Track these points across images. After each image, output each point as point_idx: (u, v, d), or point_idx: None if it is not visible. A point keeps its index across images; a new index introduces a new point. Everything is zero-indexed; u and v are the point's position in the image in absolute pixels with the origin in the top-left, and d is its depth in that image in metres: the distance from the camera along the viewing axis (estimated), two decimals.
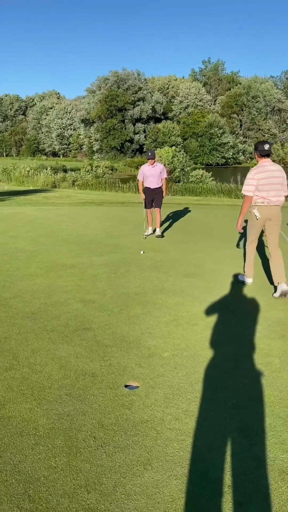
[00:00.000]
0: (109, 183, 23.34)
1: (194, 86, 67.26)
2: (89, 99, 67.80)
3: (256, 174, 4.88)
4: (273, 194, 4.88)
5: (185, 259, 6.57)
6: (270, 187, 4.88)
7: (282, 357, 3.49)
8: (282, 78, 77.71)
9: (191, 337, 3.87)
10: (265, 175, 4.88)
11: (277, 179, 4.89)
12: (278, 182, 4.89)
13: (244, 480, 2.22)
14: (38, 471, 2.27)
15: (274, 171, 4.91)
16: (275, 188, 4.88)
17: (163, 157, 26.18)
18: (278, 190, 4.89)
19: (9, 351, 3.59)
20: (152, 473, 2.26)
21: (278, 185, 4.89)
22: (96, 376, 3.21)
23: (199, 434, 2.56)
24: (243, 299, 4.87)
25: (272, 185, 4.88)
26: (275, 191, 4.88)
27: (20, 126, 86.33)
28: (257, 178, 4.87)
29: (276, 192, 4.89)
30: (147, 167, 8.22)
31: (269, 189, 4.88)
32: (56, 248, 7.29)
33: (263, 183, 4.87)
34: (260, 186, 4.87)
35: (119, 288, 5.20)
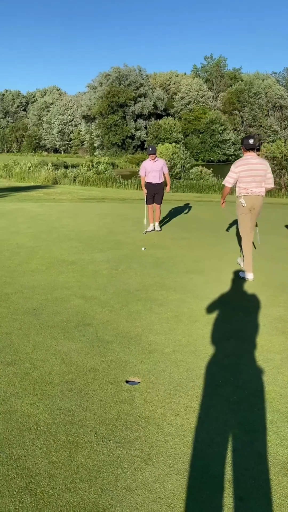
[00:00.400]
0: (110, 179, 23.30)
1: (196, 82, 67.00)
2: (91, 95, 67.62)
3: (237, 167, 5.27)
4: (254, 185, 5.25)
5: (186, 256, 6.56)
6: (251, 179, 5.23)
7: (283, 353, 3.50)
8: (284, 74, 77.43)
9: (192, 333, 3.87)
10: (247, 167, 5.23)
11: (258, 171, 5.22)
12: (260, 175, 5.22)
13: (245, 475, 2.23)
14: (39, 466, 2.28)
15: (255, 164, 5.24)
16: (256, 180, 5.23)
17: (163, 154, 26.12)
18: (259, 182, 5.24)
19: (10, 347, 3.60)
20: (153, 468, 2.26)
21: (259, 177, 5.23)
22: (97, 371, 3.21)
23: (200, 429, 2.57)
24: (244, 295, 4.87)
25: (253, 177, 5.23)
26: (256, 183, 5.24)
27: (21, 122, 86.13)
28: (237, 171, 5.27)
29: (257, 184, 5.25)
30: (149, 162, 8.26)
31: (251, 181, 5.23)
32: (57, 244, 7.29)
33: (244, 175, 5.24)
34: (242, 178, 5.26)
35: (120, 284, 5.20)
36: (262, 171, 5.24)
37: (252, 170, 5.23)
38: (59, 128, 76.18)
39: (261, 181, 5.26)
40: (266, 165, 5.31)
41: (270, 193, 17.56)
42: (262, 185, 5.29)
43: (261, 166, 5.25)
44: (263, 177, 5.26)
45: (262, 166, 5.26)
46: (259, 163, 5.27)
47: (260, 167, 5.24)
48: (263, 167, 5.26)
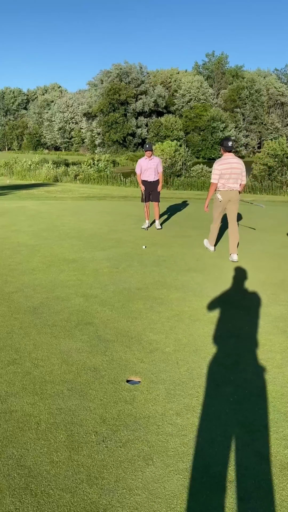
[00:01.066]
0: (111, 177, 23.27)
1: (197, 79, 66.74)
2: (91, 92, 67.46)
3: (219, 166, 6.13)
4: (232, 181, 6.15)
5: (187, 254, 6.55)
6: (230, 176, 6.12)
7: (283, 352, 3.49)
8: (286, 71, 77.08)
9: (193, 332, 3.87)
10: (227, 166, 6.10)
11: (236, 169, 6.12)
12: (237, 173, 6.12)
13: (245, 475, 2.22)
14: (40, 466, 2.28)
15: (234, 163, 6.13)
16: (233, 177, 6.12)
17: (165, 152, 26.05)
18: (236, 179, 6.15)
19: (11, 346, 3.60)
20: (153, 468, 2.26)
21: (236, 174, 6.12)
22: (98, 371, 3.21)
23: (201, 429, 2.57)
24: (245, 294, 4.86)
25: (231, 175, 6.11)
26: (234, 179, 6.14)
27: (21, 120, 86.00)
28: (219, 169, 6.11)
29: (234, 180, 6.15)
30: (144, 160, 8.33)
31: (229, 177, 6.12)
32: (58, 242, 7.28)
33: (224, 173, 6.11)
34: (222, 175, 6.12)
35: (121, 283, 5.20)
36: (239, 169, 6.13)
37: (231, 169, 6.10)
38: (60, 126, 76.01)
39: (237, 178, 6.15)
40: (242, 165, 6.21)
41: (271, 191, 17.53)
42: (238, 182, 6.19)
43: (238, 165, 6.14)
44: (239, 175, 6.15)
45: (239, 165, 6.15)
46: (237, 162, 6.16)
47: (238, 166, 6.13)
48: (239, 166, 6.15)
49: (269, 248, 6.91)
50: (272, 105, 69.32)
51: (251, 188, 18.04)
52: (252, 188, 18.01)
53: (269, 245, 7.14)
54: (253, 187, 18.06)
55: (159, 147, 26.67)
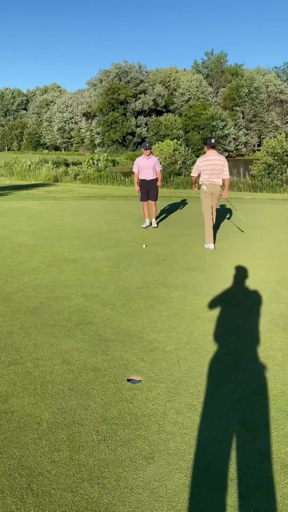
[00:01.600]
0: (111, 176, 23.26)
1: (196, 78, 66.66)
2: (91, 92, 67.41)
3: (200, 162, 6.79)
4: (214, 176, 6.75)
5: (187, 253, 6.55)
6: (211, 171, 6.72)
7: (284, 350, 3.49)
8: (285, 69, 76.97)
9: (194, 330, 3.86)
10: (208, 162, 6.71)
11: (216, 166, 6.70)
12: (218, 168, 6.70)
13: (246, 473, 2.22)
14: (41, 465, 2.28)
15: (214, 159, 6.73)
16: (215, 172, 6.73)
17: (164, 151, 26.03)
18: (218, 174, 6.73)
19: (11, 346, 3.60)
20: (154, 467, 2.26)
21: (217, 170, 6.71)
22: (99, 370, 3.21)
23: (202, 428, 2.57)
24: (245, 292, 4.86)
25: (212, 170, 6.72)
26: (215, 175, 6.74)
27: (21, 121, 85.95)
28: (200, 165, 6.78)
29: (216, 175, 6.74)
30: (142, 159, 8.36)
31: (210, 173, 6.72)
32: (58, 242, 7.28)
33: (205, 168, 6.73)
34: (203, 170, 6.75)
35: (121, 282, 5.20)
36: (219, 165, 6.71)
37: (212, 165, 6.70)
38: (59, 126, 75.99)
39: (219, 173, 6.73)
40: (223, 161, 6.76)
41: (271, 189, 17.51)
42: (219, 176, 6.75)
43: (219, 162, 6.72)
44: (220, 170, 6.72)
45: (220, 162, 6.72)
46: (218, 159, 6.75)
47: (218, 162, 6.71)
48: (220, 162, 6.71)
49: (269, 246, 6.90)
50: (271, 103, 69.22)
51: (251, 187, 18.02)
52: (252, 187, 17.98)
53: (269, 243, 7.14)
54: (253, 186, 18.04)
55: (158, 146, 26.65)
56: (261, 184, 17.98)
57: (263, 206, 11.88)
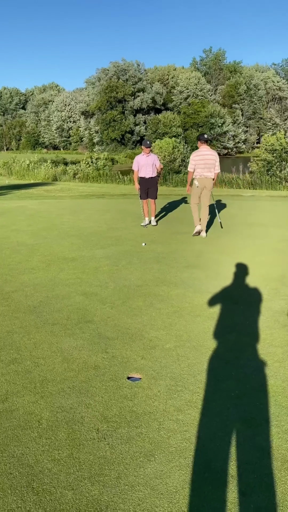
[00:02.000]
0: (110, 175, 23.21)
1: (194, 76, 66.50)
2: (89, 91, 67.27)
3: (194, 157, 7.19)
4: (206, 170, 7.18)
5: (186, 250, 6.54)
6: (204, 165, 7.15)
7: (284, 347, 3.48)
8: (283, 65, 76.81)
9: (194, 328, 3.86)
10: (201, 157, 7.15)
11: (209, 160, 7.14)
12: (210, 163, 7.14)
13: (247, 470, 2.22)
14: (41, 464, 2.28)
15: (207, 154, 7.15)
16: (207, 166, 7.16)
17: (164, 149, 25.98)
18: (210, 168, 7.17)
19: (11, 345, 3.60)
20: (155, 464, 2.26)
21: (210, 165, 7.15)
22: (99, 368, 3.21)
23: (202, 425, 2.56)
24: (245, 288, 4.85)
25: (205, 165, 7.14)
26: (207, 169, 7.17)
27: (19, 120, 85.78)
28: (195, 160, 7.16)
29: (208, 169, 7.18)
30: (142, 156, 8.37)
31: (203, 167, 7.16)
32: (57, 241, 7.27)
33: (198, 163, 7.15)
34: (197, 165, 7.17)
35: (121, 280, 5.19)
36: (212, 160, 7.15)
37: (205, 160, 7.13)
38: (57, 125, 75.83)
39: (211, 167, 7.17)
40: (215, 156, 7.21)
41: (271, 186, 17.49)
42: (211, 171, 7.20)
43: (212, 157, 7.15)
44: (212, 165, 7.17)
45: (212, 157, 7.16)
46: (210, 154, 7.19)
47: (211, 157, 7.15)
48: (213, 157, 7.16)
49: (269, 243, 6.90)
50: (270, 100, 69.10)
51: (250, 184, 18.00)
52: (252, 184, 17.96)
53: (269, 239, 7.13)
54: (252, 183, 18.01)
55: (157, 144, 26.60)
56: (260, 181, 17.95)
57: (262, 203, 11.87)
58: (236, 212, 10.04)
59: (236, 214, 9.82)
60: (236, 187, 18.09)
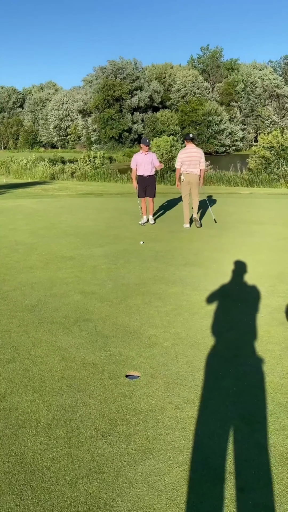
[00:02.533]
0: (108, 173, 23.19)
1: (192, 73, 66.41)
2: (86, 89, 67.13)
3: (181, 154, 7.86)
4: (192, 167, 7.81)
5: (184, 248, 6.55)
6: (189, 162, 7.79)
7: (282, 344, 3.49)
8: (280, 63, 76.75)
9: (192, 326, 3.87)
10: (187, 155, 7.80)
11: (194, 157, 7.76)
12: (196, 160, 7.77)
13: (245, 466, 2.23)
14: (40, 462, 2.28)
15: (193, 152, 7.79)
16: (193, 163, 7.79)
17: (162, 147, 25.96)
18: (195, 165, 7.80)
19: (9, 344, 3.60)
20: (153, 462, 2.27)
21: (195, 161, 7.77)
22: (97, 366, 3.21)
23: (200, 422, 2.57)
24: (243, 286, 4.86)
25: (191, 162, 7.78)
26: (193, 165, 7.80)
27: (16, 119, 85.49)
28: (181, 157, 7.84)
29: (194, 166, 7.80)
30: (140, 154, 8.38)
31: (189, 164, 7.80)
32: (55, 240, 7.27)
33: (184, 160, 7.80)
34: (184, 162, 7.81)
35: (119, 279, 5.19)
36: (197, 157, 7.77)
37: (190, 157, 7.76)
38: (55, 124, 75.67)
39: (196, 164, 7.79)
40: (200, 153, 7.84)
41: (268, 183, 17.50)
42: (196, 167, 7.80)
43: (197, 154, 7.79)
44: (197, 161, 7.77)
45: (197, 154, 7.79)
46: (195, 151, 7.81)
47: (196, 154, 7.78)
48: (198, 155, 7.79)
49: (267, 241, 6.90)
50: (268, 97, 69.04)
51: (248, 182, 18.01)
52: (250, 182, 17.97)
53: (267, 237, 7.14)
54: (250, 181, 18.02)
55: (155, 142, 26.57)
56: (258, 179, 17.96)
57: (260, 201, 11.88)
58: (234, 210, 10.05)
59: (234, 212, 9.82)
60: (234, 185, 18.09)
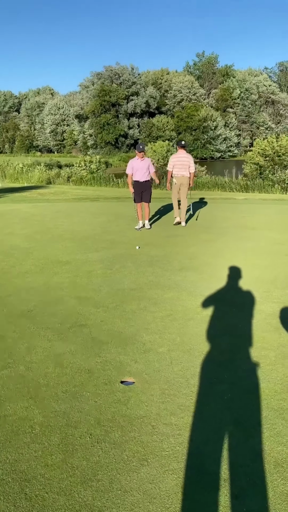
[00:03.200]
0: (104, 178, 23.22)
1: (188, 79, 66.86)
2: (83, 94, 67.35)
3: (173, 158, 8.77)
4: (182, 170, 8.66)
5: (180, 253, 6.56)
6: (180, 166, 8.65)
7: (277, 350, 3.51)
8: (276, 70, 77.54)
9: (187, 331, 3.87)
10: (178, 159, 8.68)
11: (184, 162, 8.62)
12: (186, 164, 8.62)
13: (240, 473, 2.23)
14: (34, 469, 2.27)
15: (183, 157, 8.68)
16: (183, 167, 8.64)
17: (157, 152, 26.06)
18: (186, 168, 8.64)
19: (4, 350, 3.58)
20: (148, 469, 2.26)
21: (184, 165, 8.62)
22: (92, 372, 3.21)
23: (195, 428, 2.57)
24: (238, 291, 4.88)
25: (181, 165, 8.64)
26: (183, 169, 8.65)
27: (13, 123, 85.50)
28: (173, 161, 8.70)
29: (184, 169, 8.65)
30: (136, 160, 8.43)
31: (180, 167, 8.67)
32: (51, 244, 7.26)
33: (176, 163, 8.67)
34: (175, 165, 8.68)
35: (115, 284, 5.19)
36: (186, 162, 8.62)
37: (181, 161, 8.62)
38: (51, 128, 75.79)
39: (186, 168, 8.62)
40: (189, 158, 8.71)
41: (264, 189, 17.61)
42: (186, 170, 8.63)
43: (186, 159, 8.65)
44: (187, 165, 8.61)
45: (187, 159, 8.66)
46: (185, 156, 8.68)
47: (185, 159, 8.64)
48: (187, 160, 8.65)
49: (262, 246, 6.94)
50: (263, 103, 69.59)
51: (243, 187, 18.11)
52: (245, 187, 18.07)
53: (262, 242, 7.17)
54: (245, 186, 18.12)
55: (151, 147, 26.68)
56: (253, 184, 18.06)
57: (255, 207, 11.94)
58: (229, 215, 10.09)
59: (229, 217, 9.86)
60: (229, 190, 18.18)
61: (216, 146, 60.83)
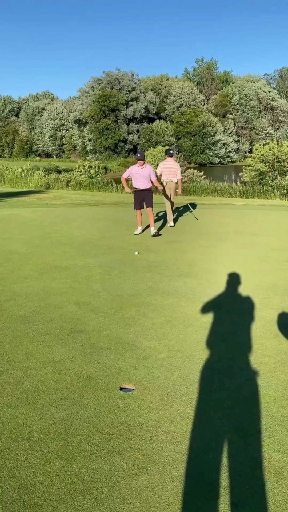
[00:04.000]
0: (103, 183, 23.27)
1: (187, 85, 67.28)
2: (82, 99, 67.66)
3: (162, 165, 9.62)
4: (171, 176, 9.55)
5: (179, 259, 6.57)
6: (168, 172, 9.54)
7: (276, 356, 3.50)
8: (275, 76, 78.10)
9: (186, 338, 3.87)
10: (166, 166, 9.56)
11: (172, 169, 9.53)
12: (174, 171, 9.54)
13: (240, 481, 2.22)
14: (33, 477, 2.25)
15: (171, 165, 9.59)
16: (171, 174, 9.54)
17: (156, 157, 26.14)
18: (174, 175, 9.54)
19: (2, 356, 3.57)
20: (147, 477, 2.25)
21: (173, 172, 9.53)
22: (91, 379, 3.20)
23: (195, 436, 2.56)
24: (237, 298, 4.88)
25: (170, 173, 9.54)
26: (172, 175, 9.54)
27: (12, 127, 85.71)
28: (162, 167, 9.58)
29: (172, 176, 9.54)
30: (136, 168, 8.37)
31: (168, 174, 9.55)
32: (50, 250, 7.26)
33: (164, 171, 9.54)
34: (164, 172, 9.55)
35: (114, 289, 5.19)
36: (174, 169, 9.54)
37: (169, 168, 9.53)
38: (51, 133, 76.03)
39: (174, 174, 9.53)
40: (177, 166, 9.69)
41: (263, 195, 17.67)
42: (175, 176, 9.54)
43: (174, 166, 9.59)
44: (175, 172, 9.53)
45: (175, 167, 9.60)
46: (173, 164, 9.63)
47: (174, 167, 9.57)
48: (175, 167, 9.59)
49: (261, 252, 6.95)
50: (262, 109, 70.00)
51: (242, 193, 18.16)
52: (244, 193, 18.13)
53: (261, 248, 7.18)
54: (244, 192, 18.18)
55: (150, 153, 26.77)
56: (252, 190, 18.12)
57: (254, 212, 11.97)
58: (228, 221, 10.12)
59: (228, 222, 9.89)
60: (228, 196, 18.23)
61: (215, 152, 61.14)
